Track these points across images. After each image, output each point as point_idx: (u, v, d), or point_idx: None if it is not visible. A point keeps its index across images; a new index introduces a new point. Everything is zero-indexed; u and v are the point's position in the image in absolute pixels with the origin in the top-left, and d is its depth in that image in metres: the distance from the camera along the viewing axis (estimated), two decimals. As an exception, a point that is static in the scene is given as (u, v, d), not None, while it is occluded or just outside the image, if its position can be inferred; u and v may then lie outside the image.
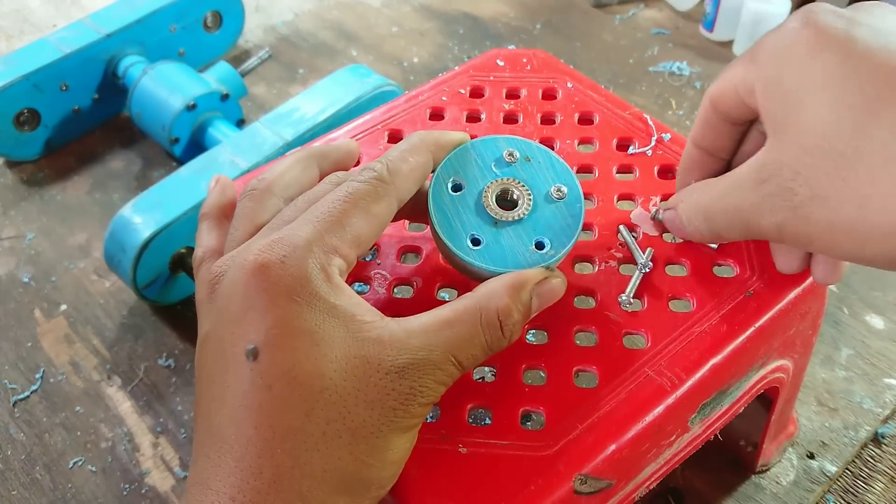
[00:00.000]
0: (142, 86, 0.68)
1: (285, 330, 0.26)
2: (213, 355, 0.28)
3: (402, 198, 0.31)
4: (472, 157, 0.33)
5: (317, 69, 0.81)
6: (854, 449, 0.47)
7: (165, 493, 0.48)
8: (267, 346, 0.26)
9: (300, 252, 0.27)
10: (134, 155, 0.72)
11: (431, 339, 0.27)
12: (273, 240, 0.28)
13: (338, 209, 0.29)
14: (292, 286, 0.27)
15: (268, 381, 0.26)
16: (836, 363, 0.52)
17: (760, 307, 0.34)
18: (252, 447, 0.26)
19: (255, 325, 0.27)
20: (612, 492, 0.31)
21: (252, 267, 0.27)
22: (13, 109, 0.68)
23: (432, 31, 0.85)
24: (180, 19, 0.75)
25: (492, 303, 0.28)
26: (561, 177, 0.33)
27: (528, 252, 0.31)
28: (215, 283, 0.29)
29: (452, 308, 0.28)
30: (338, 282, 0.28)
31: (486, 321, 0.28)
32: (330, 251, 0.28)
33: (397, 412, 0.27)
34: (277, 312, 0.27)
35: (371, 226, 0.29)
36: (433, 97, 0.45)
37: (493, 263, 0.31)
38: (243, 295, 0.27)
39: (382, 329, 0.27)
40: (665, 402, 0.31)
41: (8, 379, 0.55)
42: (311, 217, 0.29)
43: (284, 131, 0.60)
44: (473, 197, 0.32)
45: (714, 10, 0.79)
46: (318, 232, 0.28)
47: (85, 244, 0.64)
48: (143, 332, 0.57)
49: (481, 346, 0.28)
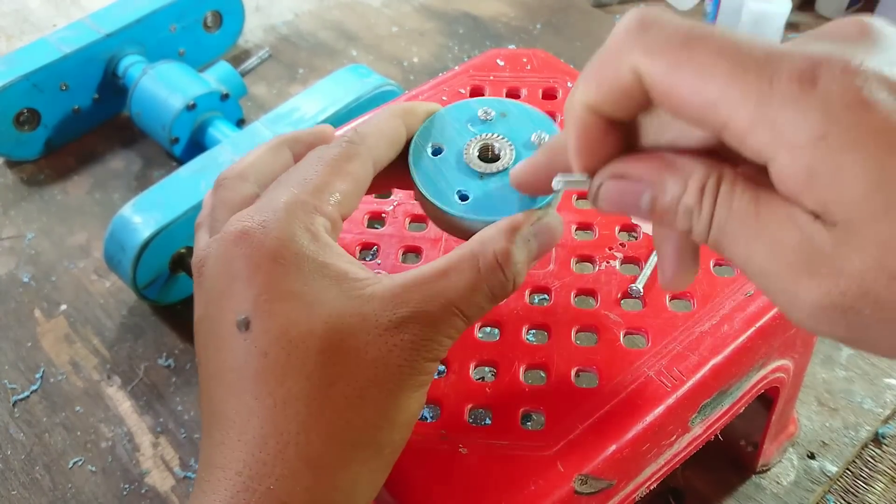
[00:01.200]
0: (142, 86, 0.68)
1: (274, 294, 0.26)
2: (207, 334, 0.27)
3: (377, 158, 0.30)
4: (447, 122, 0.33)
5: (317, 69, 0.81)
6: (854, 449, 0.47)
7: (165, 493, 0.48)
8: (257, 313, 0.26)
9: (280, 214, 0.27)
10: (134, 155, 0.72)
11: (428, 290, 0.26)
12: (253, 209, 0.27)
13: (312, 171, 0.28)
14: (276, 249, 0.26)
15: (262, 349, 0.25)
16: (836, 363, 0.52)
17: (760, 307, 0.34)
18: (254, 418, 0.25)
19: (243, 295, 0.26)
20: (612, 492, 0.31)
21: (231, 237, 0.27)
22: (13, 109, 0.68)
23: (432, 31, 0.85)
24: (180, 19, 0.75)
25: (488, 247, 0.27)
26: (539, 124, 0.33)
27: (519, 199, 0.30)
28: (201, 265, 0.28)
29: (447, 258, 0.27)
30: (326, 240, 0.27)
31: (485, 266, 0.27)
32: (311, 211, 0.27)
33: (402, 369, 0.26)
34: (263, 278, 0.26)
35: (348, 183, 0.29)
36: (433, 97, 0.45)
37: (485, 214, 0.30)
38: (227, 267, 0.27)
39: (377, 285, 0.26)
40: (665, 402, 0.31)
41: (8, 379, 0.55)
42: (287, 183, 0.28)
43: (284, 131, 0.60)
44: (454, 156, 0.32)
45: (714, 10, 0.79)
46: (295, 195, 0.27)
47: (85, 244, 0.64)
48: (143, 332, 0.57)
49: (483, 293, 0.27)
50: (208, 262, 0.28)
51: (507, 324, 0.34)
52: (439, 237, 0.38)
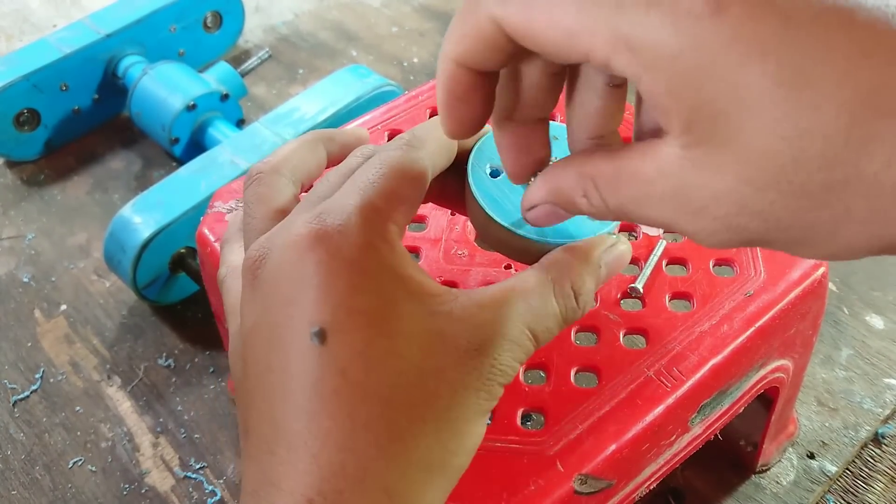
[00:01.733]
0: (142, 86, 0.68)
1: (354, 307, 0.24)
2: (268, 343, 0.25)
3: (435, 165, 0.29)
4: None
5: (317, 69, 0.81)
6: (854, 449, 0.47)
7: (165, 493, 0.48)
8: (335, 325, 0.23)
9: (356, 219, 0.25)
10: (134, 155, 0.72)
11: (505, 311, 0.25)
12: (319, 212, 0.25)
13: (379, 174, 0.26)
14: (357, 257, 0.24)
15: (340, 366, 0.23)
16: (836, 363, 0.52)
17: (760, 307, 0.34)
18: (331, 440, 0.23)
19: (318, 304, 0.24)
20: (612, 492, 0.31)
21: (304, 240, 0.24)
22: (13, 109, 0.68)
23: (432, 32, 0.85)
24: (180, 19, 0.75)
25: (564, 273, 0.27)
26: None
27: (585, 222, 0.30)
28: (256, 268, 0.26)
29: (523, 279, 0.26)
30: (401, 250, 0.25)
31: (559, 292, 0.26)
32: (385, 218, 0.25)
33: (480, 393, 0.24)
34: (343, 287, 0.24)
35: (413, 189, 0.27)
36: (433, 97, 0.45)
37: (555, 236, 0.29)
38: (297, 272, 0.24)
39: (453, 302, 0.25)
40: (665, 402, 0.31)
41: (8, 379, 0.55)
42: (354, 187, 0.26)
43: (284, 131, 0.60)
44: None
45: (714, 11, 0.79)
46: (367, 198, 0.25)
47: (85, 244, 0.64)
48: (143, 332, 0.57)
49: (556, 318, 0.26)
50: (268, 263, 0.25)
51: (507, 324, 0.34)
52: (439, 237, 0.38)
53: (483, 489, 0.29)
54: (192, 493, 0.48)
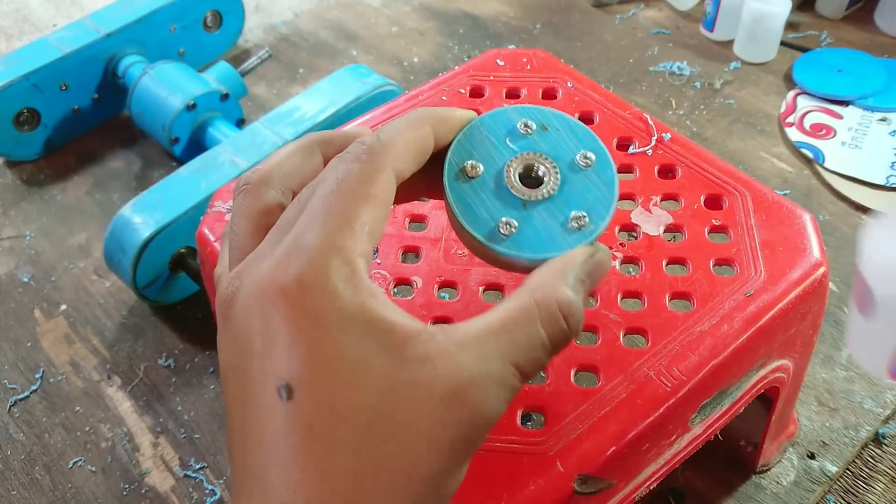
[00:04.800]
0: (142, 85, 0.68)
1: (319, 361, 0.23)
2: (241, 391, 0.25)
3: (401, 171, 0.27)
4: (484, 135, 0.30)
5: (317, 69, 0.81)
6: (855, 449, 0.47)
7: (165, 493, 0.48)
8: (301, 382, 0.23)
9: (317, 264, 0.24)
10: (134, 155, 0.72)
11: (487, 349, 0.24)
12: (282, 253, 0.25)
13: (337, 201, 0.25)
14: (318, 308, 0.23)
15: (307, 421, 0.23)
16: (836, 363, 0.52)
17: (760, 307, 0.34)
18: (300, 492, 0.23)
19: (284, 359, 0.23)
20: (612, 492, 0.31)
21: (267, 291, 0.24)
22: (13, 109, 0.68)
23: (432, 31, 0.85)
24: (180, 19, 0.75)
25: (549, 296, 0.25)
26: (585, 142, 0.30)
27: (565, 231, 0.28)
28: (227, 307, 0.26)
29: (505, 309, 0.25)
30: (368, 287, 0.24)
31: (547, 317, 0.25)
32: (347, 254, 0.24)
33: (455, 444, 0.23)
34: (306, 342, 0.23)
35: (375, 209, 0.25)
36: (433, 97, 0.45)
37: (531, 251, 0.27)
38: (263, 323, 0.24)
39: (429, 342, 0.24)
40: (665, 402, 0.31)
41: (8, 379, 0.55)
42: (313, 217, 0.25)
43: (284, 131, 0.60)
44: (493, 178, 0.29)
45: (714, 10, 0.79)
46: (327, 234, 0.24)
47: (85, 244, 0.64)
48: (143, 332, 0.57)
49: (544, 346, 0.25)
50: (237, 306, 0.25)
51: (507, 324, 0.34)
52: (439, 237, 0.38)
53: (483, 489, 0.29)
54: (192, 493, 0.48)
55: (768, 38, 0.76)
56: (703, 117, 0.72)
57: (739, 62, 0.77)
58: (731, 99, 0.73)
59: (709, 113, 0.72)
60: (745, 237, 0.37)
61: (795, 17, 0.82)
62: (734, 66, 0.77)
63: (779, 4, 0.74)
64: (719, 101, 0.73)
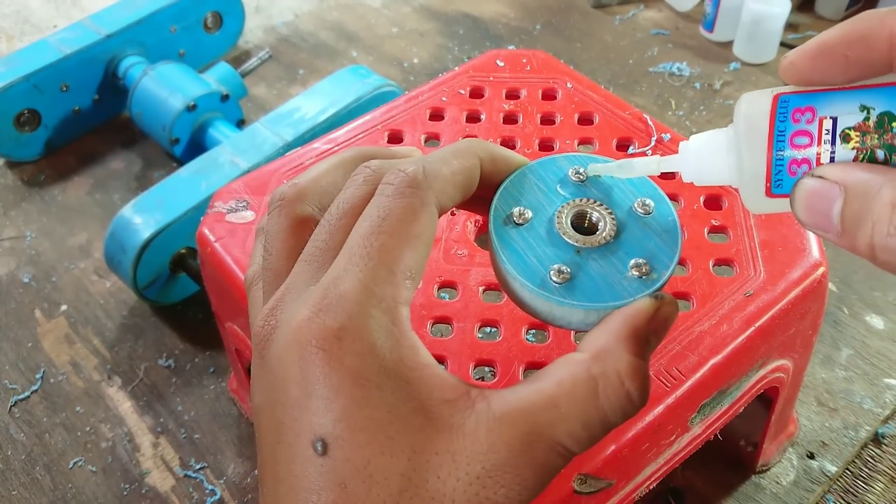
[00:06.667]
0: (142, 86, 0.68)
1: (355, 422, 0.23)
2: (275, 436, 0.24)
3: (444, 205, 0.26)
4: (532, 182, 0.28)
5: (317, 70, 0.81)
6: (854, 449, 0.47)
7: (165, 493, 0.48)
8: (336, 440, 0.23)
9: (356, 316, 0.23)
10: (134, 155, 0.72)
11: (532, 425, 0.22)
12: (320, 298, 0.24)
13: (377, 244, 0.24)
14: (358, 367, 0.23)
15: (341, 479, 0.22)
16: (836, 363, 0.52)
17: (760, 307, 0.34)
18: None
19: (320, 413, 0.23)
20: (612, 491, 0.31)
21: (305, 339, 0.23)
22: (13, 110, 0.68)
23: (432, 32, 0.85)
24: (180, 20, 0.75)
25: (610, 365, 0.23)
26: (641, 189, 0.28)
27: (626, 280, 0.25)
28: (263, 346, 0.25)
29: (556, 380, 0.23)
30: (408, 339, 0.23)
31: (607, 392, 0.22)
32: (389, 302, 0.23)
33: None
34: (344, 401, 0.23)
35: (417, 251, 0.24)
36: (433, 98, 0.45)
37: (586, 299, 0.25)
38: (300, 373, 0.23)
39: (469, 411, 0.23)
40: (665, 402, 0.31)
41: (8, 379, 0.55)
42: (352, 261, 0.24)
43: (284, 132, 0.60)
44: (544, 226, 0.27)
45: (714, 11, 0.79)
46: (367, 281, 0.23)
47: (85, 244, 0.64)
48: (143, 332, 0.57)
49: (603, 423, 0.23)
50: (272, 350, 0.24)
51: (507, 324, 0.34)
52: (439, 237, 0.38)
53: (483, 489, 0.29)
54: (192, 493, 0.48)
55: (768, 38, 0.76)
56: (703, 118, 0.72)
57: (739, 63, 0.78)
58: (731, 100, 0.73)
59: (708, 114, 0.72)
60: (745, 237, 0.37)
61: (795, 17, 0.82)
62: (734, 66, 0.77)
63: (778, 5, 0.74)
64: (719, 101, 0.73)
